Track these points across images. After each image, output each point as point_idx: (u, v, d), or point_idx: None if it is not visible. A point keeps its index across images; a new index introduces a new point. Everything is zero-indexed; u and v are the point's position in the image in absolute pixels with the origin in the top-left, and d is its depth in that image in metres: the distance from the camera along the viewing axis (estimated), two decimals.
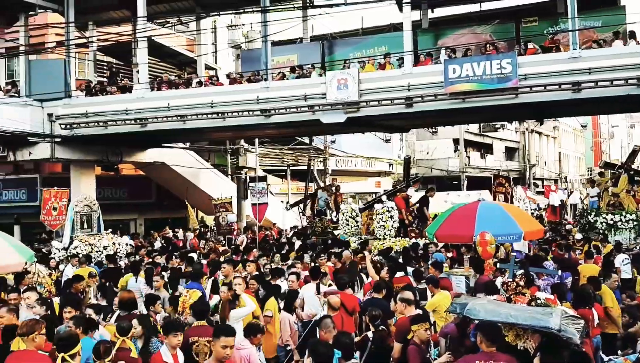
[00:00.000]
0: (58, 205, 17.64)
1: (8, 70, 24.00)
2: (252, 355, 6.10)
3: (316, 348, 4.82)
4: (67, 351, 4.97)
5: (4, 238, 10.46)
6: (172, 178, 24.72)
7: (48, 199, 17.68)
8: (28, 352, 5.39)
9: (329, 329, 6.06)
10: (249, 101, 17.60)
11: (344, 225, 17.85)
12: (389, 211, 16.50)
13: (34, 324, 5.63)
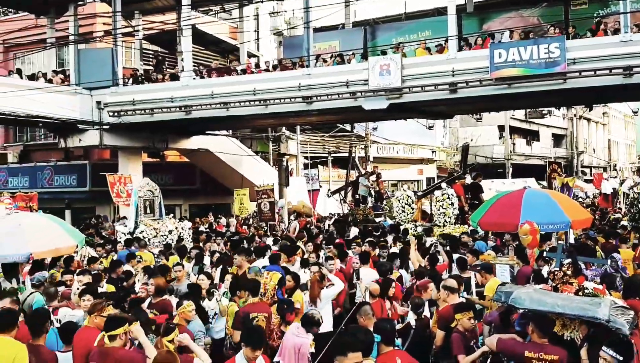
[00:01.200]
0: (125, 189, 17.95)
1: (59, 59, 24.74)
2: (303, 346, 6.14)
3: (355, 334, 4.79)
4: (109, 330, 5.10)
5: (56, 221, 10.86)
6: (216, 164, 25.08)
7: (113, 183, 17.99)
8: (92, 330, 5.64)
9: (368, 316, 6.07)
10: (290, 88, 17.67)
11: (400, 212, 17.64)
12: (449, 197, 16.27)
13: (96, 304, 5.94)
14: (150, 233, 15.24)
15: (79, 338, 5.59)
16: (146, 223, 15.57)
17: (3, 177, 25.51)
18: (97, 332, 5.57)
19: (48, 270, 10.43)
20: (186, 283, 8.70)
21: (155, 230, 15.39)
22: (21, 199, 16.73)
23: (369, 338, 4.83)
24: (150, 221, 15.73)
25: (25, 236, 9.24)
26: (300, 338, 6.21)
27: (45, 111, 18.38)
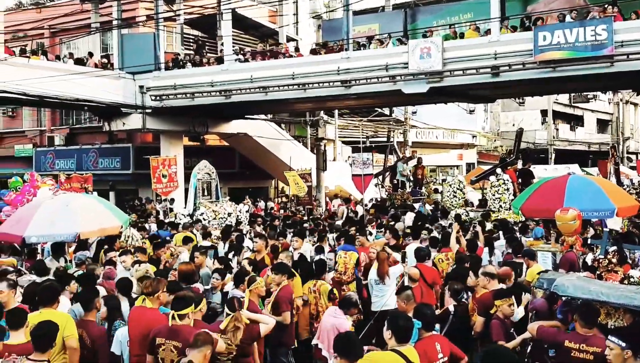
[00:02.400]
0: (167, 172, 17.73)
1: (103, 44, 25.26)
2: (342, 326, 6.21)
3: (395, 320, 4.79)
4: (178, 310, 5.18)
5: (102, 202, 11.22)
6: (254, 148, 25.29)
7: (156, 167, 17.77)
8: (150, 310, 5.76)
9: (410, 301, 6.08)
10: (329, 71, 17.63)
11: (451, 197, 17.49)
12: (504, 183, 16.06)
13: (157, 283, 5.93)
14: (210, 215, 15.12)
15: (137, 316, 5.71)
16: (205, 205, 15.45)
17: (50, 159, 26.34)
18: (156, 311, 5.75)
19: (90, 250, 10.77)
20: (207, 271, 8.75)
21: (214, 212, 15.24)
22: (77, 180, 17.14)
23: (409, 323, 4.83)
24: (209, 203, 15.64)
25: (73, 216, 9.59)
26: (338, 319, 6.29)
27: (91, 95, 18.83)
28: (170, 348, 4.90)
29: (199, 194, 15.83)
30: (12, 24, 22.34)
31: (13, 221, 9.87)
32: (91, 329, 5.58)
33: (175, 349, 4.93)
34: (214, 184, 16.28)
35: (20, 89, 16.73)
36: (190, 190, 16.14)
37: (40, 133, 28.45)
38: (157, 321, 5.47)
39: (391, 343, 4.62)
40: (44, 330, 4.78)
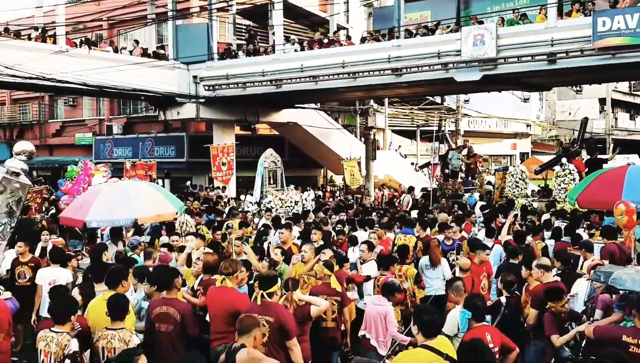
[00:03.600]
0: (226, 160, 17.90)
1: (158, 35, 25.89)
2: (388, 313, 6.25)
3: (420, 314, 4.72)
4: (266, 289, 5.43)
5: (158, 189, 11.58)
6: (304, 137, 25.45)
7: (216, 155, 17.93)
8: (230, 289, 6.05)
9: (460, 292, 6.05)
10: (380, 60, 17.52)
11: (513, 187, 17.20)
12: (570, 173, 15.67)
13: (236, 264, 6.29)
14: (277, 203, 15.07)
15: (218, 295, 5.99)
16: (272, 193, 15.42)
17: (109, 147, 27.31)
18: (235, 290, 6.07)
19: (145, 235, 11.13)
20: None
21: (281, 201, 15.18)
22: (141, 168, 17.73)
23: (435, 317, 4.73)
24: (275, 191, 15.64)
25: (131, 202, 9.91)
26: (383, 306, 6.32)
27: (147, 85, 19.40)
28: (262, 323, 5.19)
29: (265, 182, 15.73)
30: (73, 16, 23.17)
31: (76, 206, 10.30)
32: (177, 305, 5.83)
33: (268, 323, 5.28)
34: (279, 172, 16.22)
35: (81, 79, 17.38)
36: (257, 178, 16.03)
37: (100, 122, 29.54)
38: (237, 299, 5.86)
39: (419, 338, 4.56)
40: (119, 300, 5.24)
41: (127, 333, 5.06)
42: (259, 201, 15.30)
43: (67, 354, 4.73)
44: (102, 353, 5.00)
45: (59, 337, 4.84)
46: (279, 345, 5.34)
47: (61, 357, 4.75)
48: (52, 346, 4.82)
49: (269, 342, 5.26)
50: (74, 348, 4.77)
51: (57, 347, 4.80)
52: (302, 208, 15.16)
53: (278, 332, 5.31)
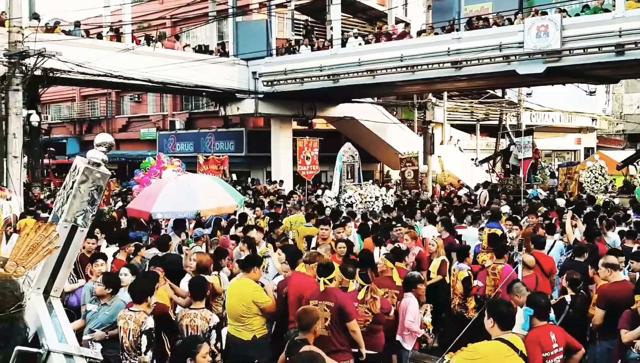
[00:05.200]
0: (310, 154, 17.65)
1: (219, 32, 26.44)
2: (410, 304, 6.32)
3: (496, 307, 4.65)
4: (326, 276, 5.69)
5: (219, 183, 11.88)
6: (361, 132, 25.42)
7: (302, 148, 17.71)
8: (305, 276, 6.39)
9: (520, 293, 5.91)
10: (439, 53, 17.32)
11: (592, 183, 16.70)
12: None
13: (316, 255, 6.66)
14: (357, 198, 14.72)
15: (296, 281, 6.31)
16: (351, 188, 15.05)
17: (172, 142, 28.15)
18: (310, 277, 6.29)
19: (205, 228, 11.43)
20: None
21: (360, 196, 14.81)
22: (214, 162, 18.24)
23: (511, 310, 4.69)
24: (354, 186, 15.29)
25: (194, 195, 10.23)
26: (405, 298, 6.43)
27: (208, 82, 19.87)
28: (323, 308, 5.47)
29: (344, 176, 15.33)
30: (138, 14, 23.96)
31: (142, 198, 10.72)
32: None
33: (328, 308, 5.51)
34: (356, 167, 15.83)
35: (146, 76, 17.99)
36: (336, 173, 15.68)
37: (163, 118, 30.51)
38: (310, 285, 6.11)
39: (495, 332, 4.50)
40: (200, 282, 5.87)
41: (207, 312, 5.59)
42: (338, 196, 14.99)
43: (144, 330, 5.14)
44: (185, 331, 5.53)
45: (136, 315, 5.24)
46: (341, 328, 5.53)
47: (138, 333, 5.16)
48: (130, 323, 5.22)
49: (331, 325, 5.47)
50: (150, 325, 5.18)
51: (135, 324, 5.20)
52: (382, 204, 14.67)
53: (338, 315, 5.50)
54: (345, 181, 15.25)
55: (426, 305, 6.87)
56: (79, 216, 2.16)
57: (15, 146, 15.14)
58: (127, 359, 5.22)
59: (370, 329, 6.01)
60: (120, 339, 5.28)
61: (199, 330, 5.45)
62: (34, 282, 2.16)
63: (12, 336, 1.81)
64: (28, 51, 14.95)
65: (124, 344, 5.24)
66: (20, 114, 15.47)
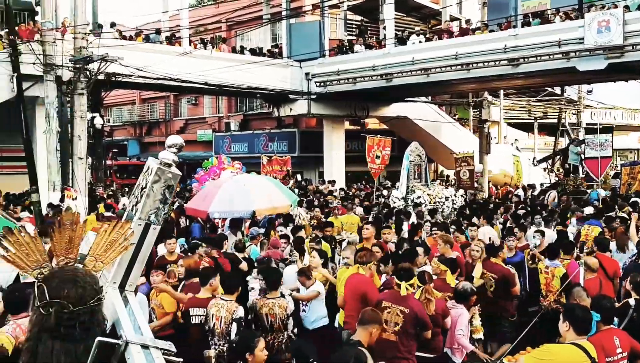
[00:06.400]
0: (381, 153, 17.36)
1: (273, 34, 26.80)
2: (461, 316, 6.13)
3: (572, 311, 4.55)
4: (407, 280, 5.65)
5: (273, 182, 12.07)
6: (414, 131, 25.19)
7: (371, 146, 17.48)
8: (362, 275, 6.45)
9: (581, 297, 5.74)
10: (495, 50, 17.04)
11: None
12: None
13: (370, 255, 6.75)
14: (426, 199, 14.37)
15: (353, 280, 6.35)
16: (421, 189, 14.69)
17: (227, 143, 28.73)
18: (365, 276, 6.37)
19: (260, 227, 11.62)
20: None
21: (429, 196, 14.44)
22: (277, 163, 18.61)
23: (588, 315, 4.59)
24: (422, 186, 14.93)
25: (249, 195, 10.45)
26: (455, 309, 6.20)
27: (262, 83, 20.18)
28: (396, 312, 5.45)
29: (411, 176, 14.94)
30: (195, 19, 24.60)
31: (200, 197, 11.03)
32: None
33: (402, 313, 5.47)
34: (423, 166, 15.39)
35: (203, 79, 18.45)
36: (403, 173, 15.27)
37: (219, 119, 31.19)
38: (366, 284, 6.22)
39: (570, 336, 4.40)
40: (275, 273, 6.40)
41: (284, 301, 6.03)
42: (405, 197, 14.66)
43: (235, 318, 5.59)
44: (266, 319, 5.95)
45: (228, 304, 5.70)
46: (411, 336, 5.46)
47: (229, 320, 5.60)
48: (222, 311, 5.66)
49: (401, 331, 5.40)
50: (240, 314, 5.63)
51: (227, 312, 5.64)
52: (452, 204, 14.40)
53: (412, 323, 5.43)
54: (413, 181, 14.91)
55: (474, 308, 6.63)
56: (152, 214, 2.28)
57: (80, 148, 15.81)
58: (217, 344, 5.61)
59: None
60: (212, 325, 5.70)
61: (278, 317, 5.89)
62: (110, 277, 2.29)
63: (92, 327, 1.93)
64: (92, 56, 15.59)
65: (215, 330, 5.66)
66: (84, 117, 16.14)
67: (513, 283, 7.37)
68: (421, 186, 14.73)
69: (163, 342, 1.97)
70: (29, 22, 18.50)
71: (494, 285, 7.29)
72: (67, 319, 1.89)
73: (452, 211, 13.91)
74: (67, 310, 1.89)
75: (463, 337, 6.10)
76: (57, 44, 15.52)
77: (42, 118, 15.85)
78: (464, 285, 6.43)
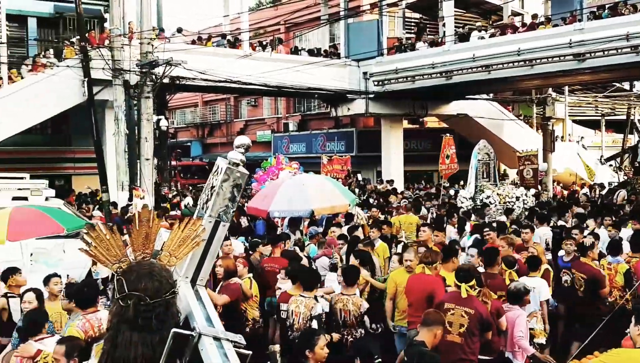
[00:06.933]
0: (450, 153, 17.19)
1: (330, 34, 26.95)
2: (519, 317, 5.94)
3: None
4: (468, 281, 5.56)
5: (331, 182, 12.15)
6: (474, 129, 24.72)
7: (444, 146, 17.43)
8: (428, 275, 6.46)
9: None
10: (559, 45, 16.53)
11: None
12: None
13: (435, 255, 6.78)
14: (496, 199, 13.91)
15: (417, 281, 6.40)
16: (490, 188, 14.27)
17: (285, 143, 29.10)
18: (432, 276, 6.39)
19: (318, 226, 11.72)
20: None
21: (499, 196, 13.97)
22: (337, 162, 18.83)
23: None
24: (491, 186, 14.51)
25: (308, 194, 10.54)
26: (512, 311, 6.00)
27: (320, 84, 20.33)
28: (460, 314, 5.42)
29: (480, 176, 14.52)
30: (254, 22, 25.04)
31: (261, 197, 11.24)
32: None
33: (467, 314, 5.43)
34: (492, 165, 14.94)
35: (262, 80, 18.77)
36: (471, 172, 14.85)
37: (277, 120, 31.64)
38: (434, 283, 6.25)
39: None
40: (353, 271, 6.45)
41: (358, 298, 6.14)
42: (474, 196, 14.28)
43: (314, 315, 5.75)
44: (339, 314, 6.05)
45: (307, 300, 5.88)
46: (476, 337, 5.44)
47: (308, 317, 5.78)
48: (300, 307, 5.86)
49: (466, 332, 5.37)
50: (319, 311, 5.79)
51: (305, 309, 5.82)
52: (523, 204, 13.83)
53: (477, 324, 5.40)
54: (482, 181, 14.50)
55: (535, 312, 6.47)
56: (222, 212, 2.39)
57: (147, 149, 16.45)
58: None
59: None
60: (291, 321, 5.89)
61: (351, 314, 5.97)
62: (182, 272, 2.41)
63: (168, 319, 2.05)
64: (157, 61, 16.18)
65: (293, 326, 5.82)
66: (150, 119, 16.78)
67: (602, 285, 7.07)
68: (490, 186, 14.31)
69: (233, 335, 2.07)
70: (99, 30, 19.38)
71: (583, 285, 7.11)
72: (144, 311, 2.02)
73: (523, 211, 13.37)
74: (144, 303, 2.01)
75: (523, 338, 5.93)
76: (124, 49, 16.19)
77: (111, 121, 16.57)
78: (516, 285, 6.25)
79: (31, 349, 4.67)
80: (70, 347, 4.21)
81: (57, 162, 21.32)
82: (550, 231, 10.02)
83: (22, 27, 20.60)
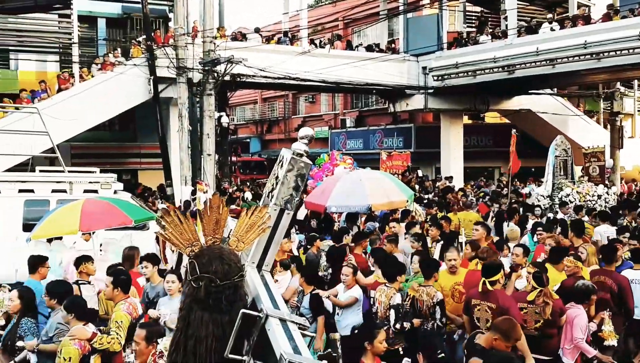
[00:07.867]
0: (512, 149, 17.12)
1: (389, 30, 26.78)
2: (578, 317, 5.72)
3: None
4: (489, 277, 5.57)
5: (389, 177, 12.12)
6: (537, 125, 24.03)
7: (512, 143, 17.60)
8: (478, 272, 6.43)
9: None
10: (629, 37, 15.90)
11: None
12: None
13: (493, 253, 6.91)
14: (575, 196, 13.44)
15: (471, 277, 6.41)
16: (570, 186, 13.87)
17: (342, 140, 29.18)
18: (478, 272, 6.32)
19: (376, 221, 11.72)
20: None
21: (579, 194, 13.49)
22: (397, 158, 18.85)
23: None
24: (570, 184, 14.07)
25: (365, 190, 10.55)
26: (572, 309, 5.80)
27: (378, 79, 20.27)
28: (485, 309, 5.44)
29: (557, 172, 14.12)
30: (313, 18, 25.22)
31: (318, 192, 11.35)
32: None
33: (490, 309, 5.42)
34: (569, 162, 14.51)
35: (320, 77, 18.91)
36: (548, 168, 14.42)
37: (335, 116, 31.75)
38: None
39: None
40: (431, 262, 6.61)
41: (432, 289, 6.15)
42: (551, 194, 13.92)
43: (392, 305, 5.97)
44: (415, 304, 6.17)
45: (388, 290, 6.14)
46: None
47: (387, 306, 6.04)
48: (382, 297, 6.14)
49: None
50: (398, 301, 5.98)
51: (385, 298, 6.08)
52: (605, 203, 13.30)
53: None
54: (559, 178, 14.09)
55: (603, 313, 6.15)
56: (286, 201, 2.50)
57: (209, 145, 16.91)
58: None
59: (544, 333, 5.64)
60: (375, 309, 6.21)
61: (425, 304, 6.03)
62: (249, 257, 2.54)
63: (237, 301, 2.17)
64: (219, 59, 16.59)
65: (377, 314, 6.12)
66: (212, 116, 17.23)
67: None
68: (569, 183, 13.81)
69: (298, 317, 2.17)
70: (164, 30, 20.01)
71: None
72: (215, 292, 2.14)
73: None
74: (215, 284, 2.14)
75: (582, 340, 5.67)
76: (188, 48, 16.69)
77: (175, 118, 17.13)
78: (584, 282, 6.03)
79: (85, 332, 4.94)
80: (150, 332, 4.44)
81: (124, 157, 22.18)
82: (613, 229, 9.64)
83: (92, 28, 21.54)
